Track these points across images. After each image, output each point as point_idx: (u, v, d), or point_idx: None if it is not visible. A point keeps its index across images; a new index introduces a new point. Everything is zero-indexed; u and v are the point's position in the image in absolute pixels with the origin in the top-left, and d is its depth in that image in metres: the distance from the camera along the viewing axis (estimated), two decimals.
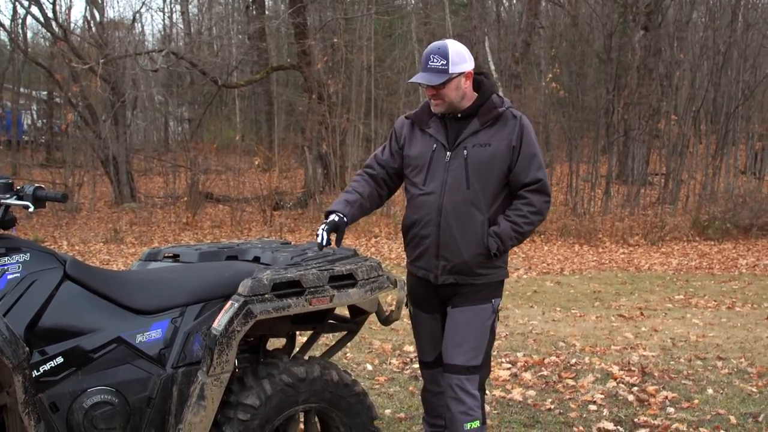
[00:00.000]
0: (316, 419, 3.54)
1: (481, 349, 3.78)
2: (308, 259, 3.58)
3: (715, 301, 10.21)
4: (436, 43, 3.76)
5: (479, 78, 3.84)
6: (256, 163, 19.37)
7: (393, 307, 3.69)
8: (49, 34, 21.42)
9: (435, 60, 3.67)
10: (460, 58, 3.69)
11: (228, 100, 29.17)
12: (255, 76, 22.08)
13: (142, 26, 49.62)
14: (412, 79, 3.75)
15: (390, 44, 24.42)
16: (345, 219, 3.70)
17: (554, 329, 8.22)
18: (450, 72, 3.66)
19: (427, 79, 3.67)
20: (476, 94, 3.81)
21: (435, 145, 3.79)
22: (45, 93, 26.71)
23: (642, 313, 9.23)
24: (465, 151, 3.73)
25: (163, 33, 31.55)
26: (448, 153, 3.76)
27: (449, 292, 3.81)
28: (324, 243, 3.57)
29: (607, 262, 14.06)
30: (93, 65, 17.00)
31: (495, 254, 3.73)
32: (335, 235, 3.63)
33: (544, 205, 3.79)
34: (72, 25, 22.00)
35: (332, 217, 3.67)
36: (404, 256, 4.04)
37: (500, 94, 3.88)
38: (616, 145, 20.59)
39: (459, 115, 3.78)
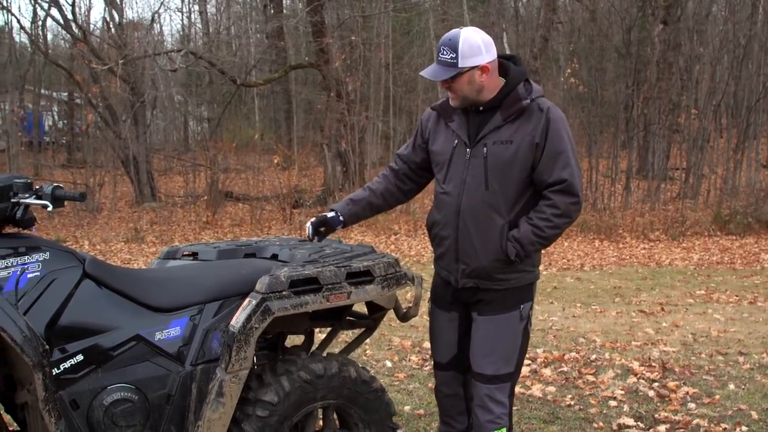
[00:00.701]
0: (335, 416, 3.55)
1: (513, 357, 3.63)
2: (326, 256, 3.59)
3: (736, 296, 10.13)
4: (449, 33, 3.52)
5: (507, 64, 3.59)
6: (276, 161, 19.40)
7: (411, 304, 3.68)
8: (68, 35, 21.58)
9: (444, 53, 3.44)
10: (473, 50, 3.42)
11: (247, 99, 29.28)
12: (273, 74, 22.15)
13: (161, 26, 49.86)
14: (421, 72, 3.59)
15: (408, 41, 24.41)
16: (340, 218, 3.70)
17: (574, 325, 8.19)
18: (459, 66, 3.42)
19: (433, 74, 3.51)
20: (504, 82, 3.56)
21: (456, 141, 3.58)
22: (65, 94, 26.94)
23: (663, 309, 9.18)
24: (485, 149, 3.49)
25: (181, 33, 31.73)
26: (468, 150, 3.53)
27: (471, 297, 3.64)
28: (310, 235, 3.68)
29: (628, 257, 13.98)
30: (112, 66, 17.11)
31: (515, 260, 3.50)
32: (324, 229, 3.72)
33: (571, 207, 3.50)
34: (91, 26, 22.14)
35: (329, 213, 3.72)
36: (423, 253, 4.05)
37: (528, 80, 3.59)
38: (636, 140, 20.47)
39: (481, 108, 3.53)
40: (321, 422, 3.61)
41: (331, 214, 3.71)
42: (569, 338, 7.47)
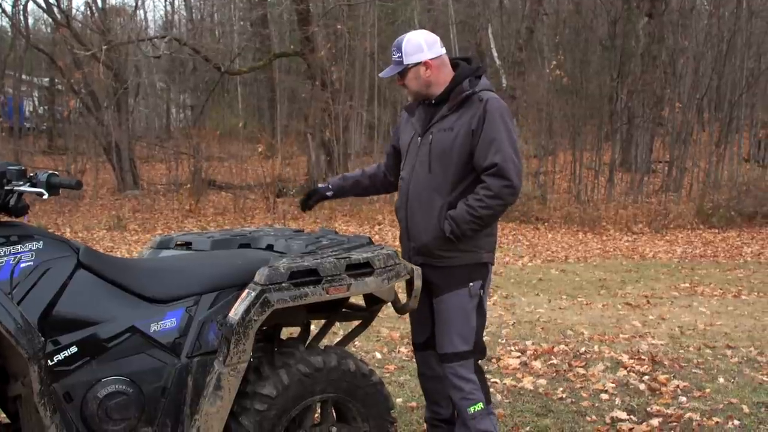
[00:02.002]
0: (332, 409, 3.51)
1: (469, 333, 3.82)
2: (323, 247, 3.54)
3: (721, 289, 10.17)
4: (399, 38, 3.91)
5: (461, 63, 3.93)
6: (260, 150, 19.30)
7: (412, 296, 3.64)
8: (50, 20, 21.30)
9: (394, 53, 3.84)
10: (415, 48, 3.80)
11: (230, 87, 29.11)
12: (258, 63, 22.02)
13: (145, 12, 49.55)
14: (379, 74, 4.09)
15: (393, 31, 24.26)
16: (329, 186, 4.22)
17: (561, 317, 8.19)
18: (405, 63, 3.80)
19: (385, 72, 3.93)
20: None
21: (413, 133, 3.95)
22: (47, 80, 26.63)
23: (648, 302, 9.20)
24: (431, 137, 3.82)
25: (164, 19, 31.46)
26: (419, 138, 3.89)
27: (426, 276, 3.79)
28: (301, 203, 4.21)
29: (612, 249, 14.02)
30: (96, 52, 16.93)
31: (450, 237, 3.73)
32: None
33: (504, 190, 3.68)
34: (74, 11, 21.90)
35: (320, 185, 4.24)
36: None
37: (478, 76, 3.87)
38: (619, 133, 20.53)
39: (433, 101, 3.87)
40: (318, 416, 3.57)
41: (322, 185, 4.22)
42: (557, 330, 7.47)
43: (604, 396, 5.33)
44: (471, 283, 3.81)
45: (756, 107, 22.50)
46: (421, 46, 3.79)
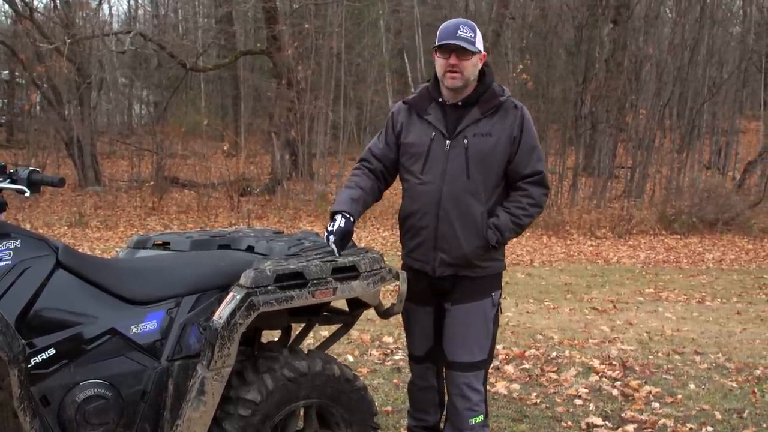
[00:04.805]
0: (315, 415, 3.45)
1: (486, 343, 3.78)
2: (306, 249, 3.48)
3: (685, 295, 10.28)
4: (458, 19, 3.71)
5: (482, 67, 3.74)
6: (224, 148, 19.14)
7: (395, 300, 3.59)
8: (12, 11, 20.90)
9: (464, 30, 3.56)
10: (481, 39, 3.64)
11: (193, 84, 28.86)
12: (223, 60, 21.86)
13: (110, 6, 48.80)
14: (447, 41, 3.55)
15: (359, 32, 24.27)
16: (352, 219, 3.58)
17: (530, 321, 8.20)
18: (477, 47, 3.59)
19: (460, 38, 3.54)
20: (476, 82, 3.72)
21: (434, 133, 3.68)
22: (6, 72, 26.16)
23: (615, 306, 9.27)
24: (465, 141, 3.63)
25: (128, 14, 31.07)
26: (447, 142, 3.65)
27: (446, 286, 3.75)
28: (336, 248, 3.45)
29: (576, 254, 14.11)
30: (59, 45, 16.64)
31: (494, 246, 3.66)
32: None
33: (543, 198, 3.75)
34: (36, 2, 21.53)
35: (338, 218, 3.53)
36: (373, 244, 4.02)
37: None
38: (583, 138, 20.69)
39: (459, 103, 3.68)
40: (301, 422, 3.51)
41: (343, 220, 3.54)
42: (527, 335, 7.48)
43: (578, 401, 5.33)
44: (493, 293, 3.78)
45: (717, 115, 22.82)
46: (482, 40, 3.67)
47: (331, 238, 3.47)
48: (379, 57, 23.89)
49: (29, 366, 2.85)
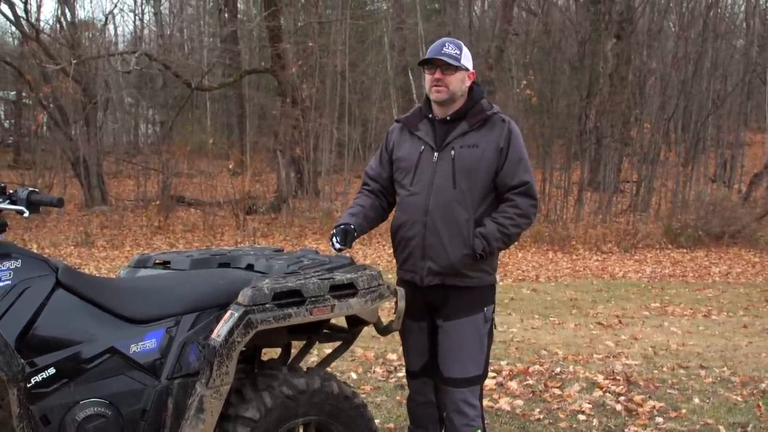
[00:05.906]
0: None
1: (481, 358, 3.82)
2: (305, 267, 3.50)
3: (691, 309, 10.25)
4: (446, 38, 3.88)
5: (471, 84, 3.88)
6: (230, 166, 19.19)
7: (393, 317, 3.61)
8: (18, 33, 21.06)
9: (449, 47, 3.73)
10: (468, 57, 3.79)
11: (199, 103, 28.97)
12: (228, 79, 21.94)
13: (115, 27, 49.16)
14: (428, 55, 3.76)
15: (363, 49, 24.37)
16: (352, 227, 3.76)
17: (535, 337, 8.19)
18: (461, 63, 3.73)
19: (444, 53, 3.71)
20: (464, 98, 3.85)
21: (423, 147, 3.81)
22: (13, 93, 26.32)
23: (620, 321, 9.24)
24: (453, 152, 3.73)
25: (133, 34, 31.26)
26: (435, 154, 3.77)
27: (437, 298, 3.80)
28: (339, 247, 3.68)
29: (582, 269, 14.09)
30: (65, 66, 16.75)
31: (480, 255, 3.71)
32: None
33: (531, 209, 3.79)
34: (42, 24, 21.67)
35: (341, 227, 3.76)
36: (378, 261, 4.04)
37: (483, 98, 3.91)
38: (588, 153, 20.69)
39: (448, 118, 3.79)
40: None
41: (344, 226, 3.78)
42: (531, 350, 7.46)
43: (582, 417, 5.32)
44: (486, 308, 3.82)
45: (722, 128, 22.81)
46: (471, 58, 3.82)
47: (333, 239, 3.73)
48: (383, 74, 23.96)
49: (29, 385, 2.87)
